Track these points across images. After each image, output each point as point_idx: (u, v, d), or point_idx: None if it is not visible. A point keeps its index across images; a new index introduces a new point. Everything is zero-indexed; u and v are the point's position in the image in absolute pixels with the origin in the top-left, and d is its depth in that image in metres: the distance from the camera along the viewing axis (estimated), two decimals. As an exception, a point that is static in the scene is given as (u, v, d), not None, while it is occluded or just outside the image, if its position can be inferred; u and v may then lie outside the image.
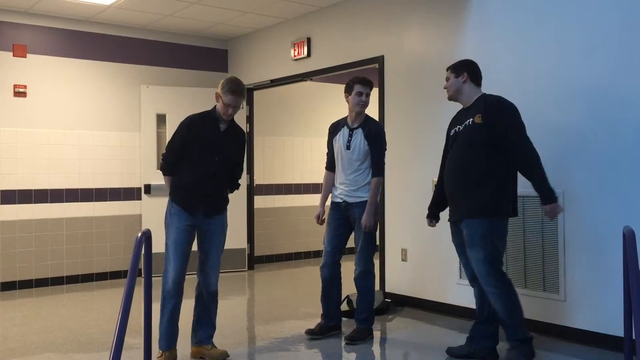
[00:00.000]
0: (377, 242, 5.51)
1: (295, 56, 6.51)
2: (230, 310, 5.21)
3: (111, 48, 6.76)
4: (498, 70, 4.43)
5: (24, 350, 4.12)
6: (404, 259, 5.29)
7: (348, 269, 4.39)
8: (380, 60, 5.53)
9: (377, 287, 5.46)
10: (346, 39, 5.92)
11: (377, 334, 4.47)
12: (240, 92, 3.72)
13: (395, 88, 5.39)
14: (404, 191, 5.28)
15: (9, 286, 6.07)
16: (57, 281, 6.35)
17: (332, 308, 4.36)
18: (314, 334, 4.30)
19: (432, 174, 4.79)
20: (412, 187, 5.18)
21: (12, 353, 4.05)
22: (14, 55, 6.15)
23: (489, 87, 3.79)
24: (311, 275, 7.08)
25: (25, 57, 6.20)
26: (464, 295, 4.63)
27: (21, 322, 4.93)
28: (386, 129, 5.46)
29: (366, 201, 4.15)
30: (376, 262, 5.52)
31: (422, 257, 5.13)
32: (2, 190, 6.06)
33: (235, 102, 3.71)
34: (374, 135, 4.21)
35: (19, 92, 6.16)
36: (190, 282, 3.77)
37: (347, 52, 5.89)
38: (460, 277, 4.72)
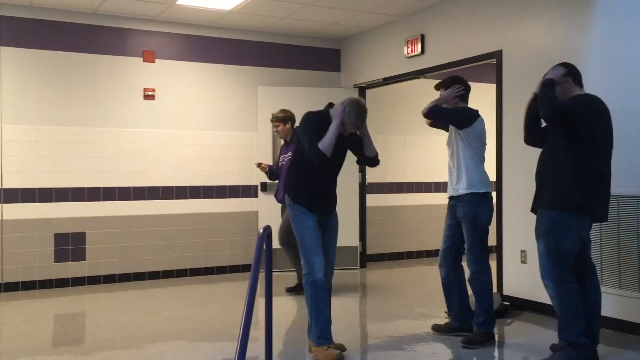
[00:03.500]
0: (495, 243, 5.36)
1: (408, 54, 6.45)
2: (343, 307, 5.27)
3: (230, 51, 7.06)
4: (628, 65, 4.14)
5: (155, 337, 4.41)
6: (523, 261, 5.08)
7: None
8: (498, 55, 5.35)
9: (494, 289, 5.31)
10: (462, 34, 5.78)
11: (495, 338, 4.34)
12: (363, 120, 3.82)
13: (515, 84, 5.19)
14: (522, 190, 5.08)
15: (139, 276, 6.53)
16: (181, 273, 6.74)
17: (454, 309, 4.30)
18: (438, 330, 4.31)
19: (556, 172, 4.59)
20: (532, 185, 4.96)
21: (145, 339, 4.35)
22: (143, 61, 6.59)
23: (616, 83, 3.55)
24: (424, 275, 7.00)
25: (154, 62, 6.63)
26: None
27: (151, 310, 5.28)
28: (505, 126, 5.29)
29: (466, 194, 4.06)
30: (492, 264, 5.39)
31: (543, 259, 4.90)
32: (133, 187, 6.52)
33: (357, 129, 3.85)
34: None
35: (148, 96, 6.59)
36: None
37: (463, 48, 5.75)
38: (586, 282, 4.47)
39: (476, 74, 7.74)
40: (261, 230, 3.11)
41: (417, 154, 8.08)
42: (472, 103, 4.36)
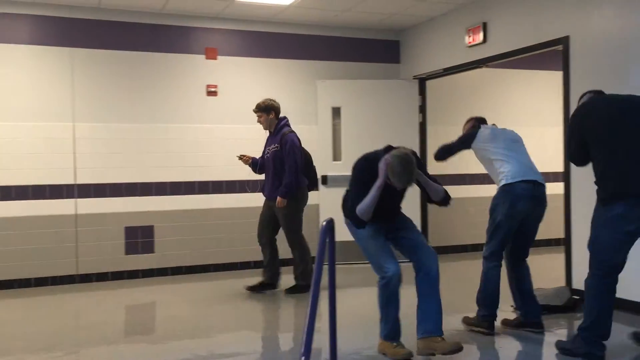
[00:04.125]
0: (563, 235, 5.22)
1: (469, 43, 6.33)
2: (407, 300, 5.24)
3: (289, 46, 7.12)
4: None
5: (223, 327, 4.52)
6: (593, 254, 4.91)
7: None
8: (564, 41, 5.18)
9: (563, 282, 5.18)
10: (525, 21, 5.63)
11: (562, 332, 4.23)
12: (409, 178, 3.51)
13: (583, 71, 5.02)
14: (591, 179, 4.90)
15: (205, 269, 6.70)
16: (245, 265, 6.87)
17: (517, 303, 4.25)
18: (508, 325, 4.25)
19: (628, 162, 4.41)
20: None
21: (212, 329, 4.47)
22: (206, 58, 6.74)
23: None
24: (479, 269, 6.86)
25: (216, 59, 6.77)
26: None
27: (218, 301, 5.40)
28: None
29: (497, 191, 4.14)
30: (561, 256, 5.25)
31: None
32: (198, 182, 6.69)
33: (406, 186, 3.62)
34: None
35: (211, 92, 6.74)
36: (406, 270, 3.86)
37: (527, 35, 5.60)
38: (662, 276, 4.29)
39: (541, 61, 7.54)
40: (324, 223, 3.14)
41: (480, 145, 7.92)
42: (536, 91, 4.25)
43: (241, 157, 5.67)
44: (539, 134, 8.07)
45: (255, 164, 5.68)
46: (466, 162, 7.84)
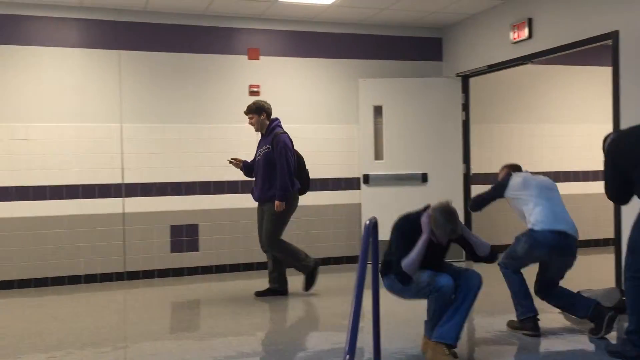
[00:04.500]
0: (613, 236, 5.08)
1: (514, 39, 6.22)
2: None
3: (331, 45, 7.13)
4: None
5: (266, 326, 4.56)
6: (644, 255, 4.76)
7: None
8: (614, 36, 5.04)
9: (613, 284, 5.05)
10: (573, 16, 5.49)
11: (613, 335, 4.13)
12: (454, 227, 3.47)
13: (633, 66, 4.87)
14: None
15: (248, 267, 6.78)
16: (287, 264, 6.91)
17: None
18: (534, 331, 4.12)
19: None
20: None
21: (255, 327, 4.51)
22: (248, 58, 6.81)
23: None
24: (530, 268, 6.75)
25: (258, 59, 6.83)
26: None
27: (261, 299, 5.45)
28: (622, 109, 4.98)
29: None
30: (611, 257, 5.12)
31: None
32: (241, 181, 6.76)
33: (452, 237, 3.56)
34: None
35: (253, 92, 6.81)
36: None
37: (574, 30, 5.46)
38: None
39: (588, 56, 7.35)
40: (367, 222, 3.14)
41: (523, 143, 7.78)
42: (584, 88, 4.15)
43: (232, 161, 5.55)
44: (587, 132, 7.88)
45: (248, 168, 5.52)
46: (508, 160, 7.73)
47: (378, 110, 7.15)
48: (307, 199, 6.99)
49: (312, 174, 6.99)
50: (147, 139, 6.47)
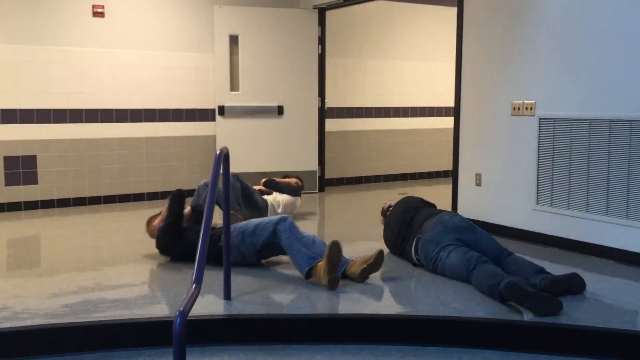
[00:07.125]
0: (451, 168, 5.46)
1: (370, -27, 6.27)
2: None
3: (184, -33, 6.72)
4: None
5: (112, 260, 4.40)
6: (477, 184, 5.20)
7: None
8: (460, -24, 5.24)
9: (450, 207, 5.45)
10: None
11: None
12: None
13: (477, 8, 5.12)
14: (478, 114, 5.13)
15: (94, 200, 6.45)
16: (139, 197, 6.67)
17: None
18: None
19: (511, 95, 4.66)
20: (487, 109, 5.02)
21: (101, 262, 4.34)
22: (91, -24, 6.23)
23: None
24: (381, 199, 7.12)
25: (103, -23, 6.28)
26: (540, 222, 4.57)
27: (108, 234, 5.24)
28: (465, 53, 5.25)
29: None
30: (449, 187, 5.53)
31: (496, 182, 5.03)
32: (85, 110, 6.31)
33: None
34: None
35: (97, 13, 6.28)
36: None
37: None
38: (537, 203, 4.63)
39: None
40: (218, 152, 3.08)
41: (376, 78, 8.02)
42: (431, 27, 4.29)
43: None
44: (433, 69, 8.29)
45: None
46: (362, 95, 7.98)
47: (234, 40, 6.94)
48: (160, 130, 6.74)
49: (165, 105, 6.75)
50: (-28, 60, 5.76)
